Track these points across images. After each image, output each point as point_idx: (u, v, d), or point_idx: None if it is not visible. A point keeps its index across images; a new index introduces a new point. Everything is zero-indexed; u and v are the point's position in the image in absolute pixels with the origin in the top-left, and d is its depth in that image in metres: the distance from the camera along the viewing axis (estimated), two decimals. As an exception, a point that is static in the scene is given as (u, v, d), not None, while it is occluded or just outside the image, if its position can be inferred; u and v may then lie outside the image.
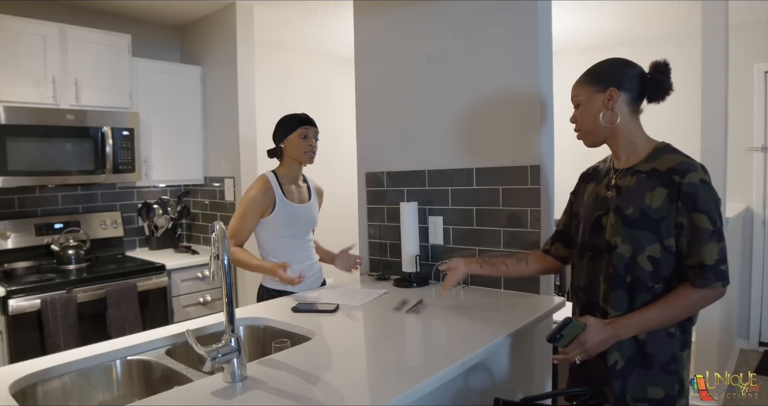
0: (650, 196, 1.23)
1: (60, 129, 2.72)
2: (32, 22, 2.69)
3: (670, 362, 1.24)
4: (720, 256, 1.18)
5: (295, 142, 2.07)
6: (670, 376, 1.24)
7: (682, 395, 1.25)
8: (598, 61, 1.39)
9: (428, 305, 1.82)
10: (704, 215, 1.18)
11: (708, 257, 1.18)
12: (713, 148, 2.79)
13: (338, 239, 3.00)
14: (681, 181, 1.20)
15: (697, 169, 1.21)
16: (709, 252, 1.18)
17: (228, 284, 1.18)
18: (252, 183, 2.08)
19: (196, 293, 3.08)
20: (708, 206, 1.18)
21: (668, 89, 1.30)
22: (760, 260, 3.88)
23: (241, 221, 2.02)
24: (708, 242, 1.18)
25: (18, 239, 2.84)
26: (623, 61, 1.35)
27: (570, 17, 3.59)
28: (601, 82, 1.31)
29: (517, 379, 1.84)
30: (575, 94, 1.38)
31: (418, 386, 1.13)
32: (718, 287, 1.19)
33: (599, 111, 1.31)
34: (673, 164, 1.22)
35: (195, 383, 1.20)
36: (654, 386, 1.24)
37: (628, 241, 1.25)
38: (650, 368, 1.24)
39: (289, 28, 3.83)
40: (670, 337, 1.24)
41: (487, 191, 2.05)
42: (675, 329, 1.25)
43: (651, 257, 1.23)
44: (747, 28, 3.71)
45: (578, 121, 1.38)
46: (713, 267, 1.18)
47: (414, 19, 2.25)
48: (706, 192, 1.19)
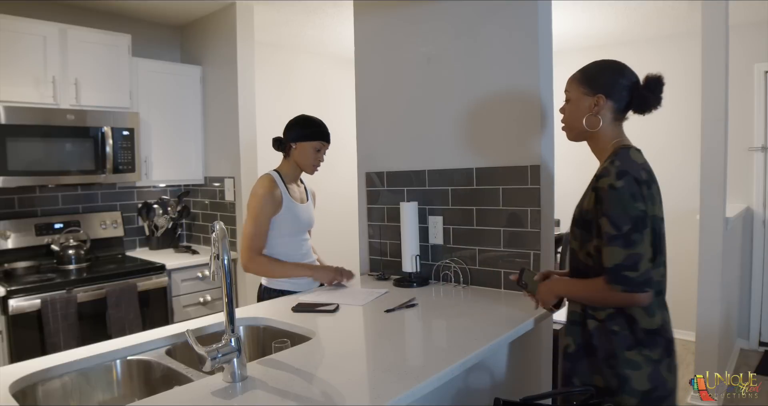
0: (586, 198, 1.33)
1: (60, 129, 2.72)
2: (32, 22, 2.69)
3: (610, 357, 1.29)
4: (624, 261, 1.21)
5: (306, 152, 2.07)
6: (610, 370, 1.28)
7: (623, 392, 1.27)
8: (599, 59, 1.41)
9: (428, 305, 1.82)
10: (606, 219, 1.23)
11: (607, 260, 1.24)
12: (713, 148, 2.79)
13: (338, 239, 3.00)
14: (597, 186, 1.27)
15: (610, 175, 1.24)
16: (609, 255, 1.23)
17: (228, 284, 1.18)
18: (257, 183, 2.06)
19: (196, 293, 3.08)
20: (611, 211, 1.22)
21: (655, 105, 1.33)
22: (760, 260, 3.87)
23: (256, 224, 1.99)
24: (608, 245, 1.23)
25: (18, 239, 2.84)
26: (619, 68, 1.37)
27: (570, 17, 3.59)
28: (592, 86, 1.35)
29: (517, 379, 1.85)
30: (568, 89, 1.43)
31: (418, 386, 1.14)
32: (618, 290, 1.23)
33: (585, 113, 1.37)
34: (602, 168, 1.30)
35: (195, 383, 1.20)
36: (596, 374, 1.31)
37: (577, 238, 1.37)
38: (594, 358, 1.32)
39: (289, 28, 3.83)
40: (612, 334, 1.29)
41: (487, 191, 2.05)
42: (619, 327, 1.28)
43: (589, 253, 1.33)
44: (747, 28, 3.71)
45: (565, 115, 1.44)
46: (611, 270, 1.23)
47: (414, 18, 2.25)
48: (612, 197, 1.22)
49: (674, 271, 4.45)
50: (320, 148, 2.08)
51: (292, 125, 2.10)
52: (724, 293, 2.91)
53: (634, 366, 1.26)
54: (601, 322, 1.31)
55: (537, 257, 1.92)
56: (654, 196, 1.27)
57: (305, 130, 2.07)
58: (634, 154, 1.31)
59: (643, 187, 1.23)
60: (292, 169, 2.13)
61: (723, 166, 2.80)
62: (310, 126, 2.08)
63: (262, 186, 2.03)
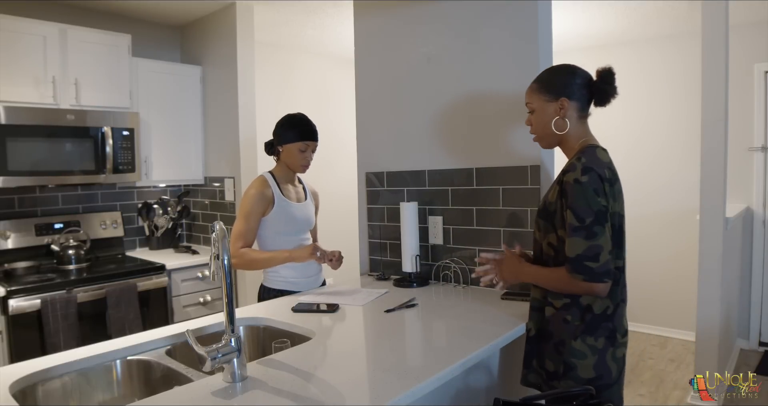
0: (551, 191, 1.40)
1: (60, 129, 2.72)
2: (32, 22, 2.69)
3: (560, 344, 1.37)
4: (585, 252, 1.27)
5: (292, 153, 2.06)
6: (558, 356, 1.37)
7: (568, 378, 1.35)
8: (551, 67, 1.50)
9: (428, 305, 1.82)
10: (570, 211, 1.30)
11: (570, 250, 1.29)
12: (713, 148, 2.79)
13: (338, 239, 3.01)
14: (563, 180, 1.34)
15: (576, 170, 1.31)
16: (572, 245, 1.29)
17: (228, 284, 1.18)
18: (249, 184, 2.08)
19: (196, 293, 3.08)
20: (574, 203, 1.29)
21: (613, 95, 1.41)
22: (760, 260, 3.87)
23: (246, 222, 2.01)
24: (571, 236, 1.29)
25: (18, 239, 2.84)
26: (570, 69, 1.44)
27: (570, 17, 3.59)
28: (552, 91, 1.42)
29: (516, 379, 1.84)
30: (529, 101, 1.48)
31: (418, 386, 1.14)
32: (579, 279, 1.28)
33: (552, 118, 1.43)
34: (566, 165, 1.37)
35: (195, 383, 1.20)
36: (548, 359, 1.40)
37: (540, 228, 1.44)
38: (547, 343, 1.40)
39: (289, 28, 3.84)
40: (564, 322, 1.37)
41: (487, 191, 2.05)
42: (572, 317, 1.35)
43: (550, 243, 1.40)
44: (747, 28, 3.71)
45: (533, 126, 1.49)
46: (573, 260, 1.29)
47: (414, 19, 2.25)
48: (577, 191, 1.29)
49: (674, 271, 4.47)
50: (305, 148, 2.05)
51: (277, 128, 2.10)
52: (724, 293, 2.91)
53: (579, 356, 1.34)
54: (557, 310, 1.38)
55: (537, 257, 1.92)
56: (615, 194, 1.34)
57: (288, 132, 2.06)
58: (600, 152, 1.38)
59: (606, 184, 1.30)
60: (284, 171, 2.13)
61: (723, 167, 2.80)
62: (293, 127, 2.06)
63: (254, 186, 2.05)
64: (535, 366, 1.46)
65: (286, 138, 2.06)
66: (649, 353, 3.82)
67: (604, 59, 1.58)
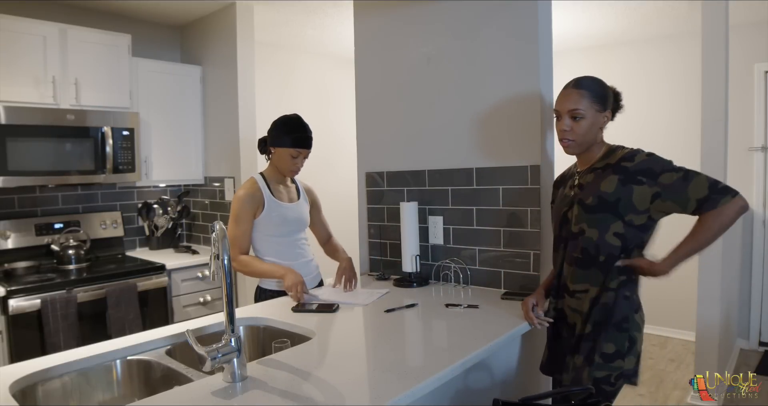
0: (604, 184, 1.45)
1: (60, 129, 2.72)
2: (32, 22, 2.69)
3: (623, 321, 1.44)
4: (709, 182, 1.34)
5: (283, 157, 2.04)
6: (622, 333, 1.44)
7: (630, 353, 1.44)
8: (593, 77, 1.54)
9: (428, 305, 1.82)
10: (667, 173, 1.37)
11: (699, 190, 1.34)
12: (713, 148, 2.79)
13: (338, 239, 3.00)
14: (633, 165, 1.42)
15: (638, 154, 1.44)
16: (696, 186, 1.34)
17: (228, 284, 1.18)
18: (240, 187, 2.08)
19: (196, 293, 3.08)
20: (665, 166, 1.39)
21: (619, 111, 1.59)
22: (760, 260, 3.87)
23: (237, 225, 2.00)
24: (689, 181, 1.35)
25: (18, 239, 2.84)
26: (607, 85, 1.56)
27: (570, 17, 3.59)
28: (603, 103, 1.50)
29: (516, 379, 1.84)
30: (580, 108, 1.48)
31: (418, 386, 1.14)
32: (729, 198, 1.32)
33: (598, 127, 1.51)
34: (622, 155, 1.47)
35: (195, 383, 1.20)
36: (608, 342, 1.44)
37: (594, 225, 1.46)
38: (607, 326, 1.45)
39: (289, 28, 3.83)
40: (626, 299, 1.45)
41: (487, 191, 2.05)
42: (630, 292, 1.45)
43: (617, 233, 1.43)
44: (747, 28, 3.71)
45: (577, 133, 1.50)
46: (712, 190, 1.33)
47: (414, 19, 2.25)
48: (656, 159, 1.41)
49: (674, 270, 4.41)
50: (296, 155, 2.03)
51: (272, 128, 2.07)
52: (723, 292, 2.91)
53: (638, 329, 1.45)
54: (616, 290, 1.44)
55: (537, 257, 1.92)
56: None
57: (283, 136, 2.03)
58: None
59: None
60: (275, 173, 2.11)
61: (723, 166, 2.79)
62: (288, 132, 2.03)
63: (243, 188, 2.04)
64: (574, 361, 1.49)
65: (280, 141, 2.03)
66: (649, 353, 3.82)
67: (604, 59, 1.60)
